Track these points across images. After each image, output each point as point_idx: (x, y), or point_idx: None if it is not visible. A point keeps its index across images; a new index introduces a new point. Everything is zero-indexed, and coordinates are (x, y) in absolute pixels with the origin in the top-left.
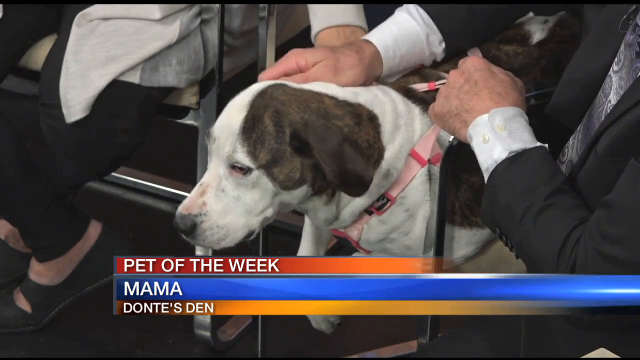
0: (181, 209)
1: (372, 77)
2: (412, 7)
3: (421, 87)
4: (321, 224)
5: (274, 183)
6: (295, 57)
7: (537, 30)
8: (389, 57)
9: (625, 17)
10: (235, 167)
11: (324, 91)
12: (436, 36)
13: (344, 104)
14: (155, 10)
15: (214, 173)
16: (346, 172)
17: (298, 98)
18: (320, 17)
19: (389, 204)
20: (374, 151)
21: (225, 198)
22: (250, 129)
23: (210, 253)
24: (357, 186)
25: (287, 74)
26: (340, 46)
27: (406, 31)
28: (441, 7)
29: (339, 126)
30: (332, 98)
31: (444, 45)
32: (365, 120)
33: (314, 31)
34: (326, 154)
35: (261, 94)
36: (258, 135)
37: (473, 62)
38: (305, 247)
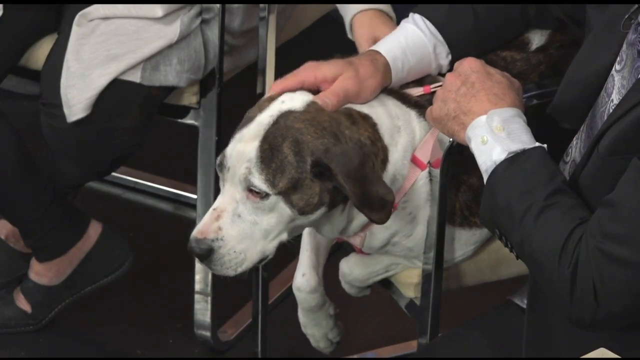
0: (196, 233)
1: (383, 87)
2: (418, 18)
3: (416, 91)
4: (332, 235)
5: (293, 209)
6: (313, 71)
7: (535, 36)
8: (398, 68)
9: (627, 16)
10: (253, 191)
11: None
12: (443, 48)
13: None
14: (157, 9)
15: (228, 198)
16: (368, 194)
17: (312, 122)
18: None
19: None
20: (378, 150)
21: (242, 223)
22: (269, 158)
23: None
24: (381, 210)
25: (302, 86)
26: (354, 58)
27: (414, 43)
28: (447, 16)
29: (357, 147)
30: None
31: (450, 58)
32: (358, 118)
33: (353, 11)
34: (348, 176)
35: (274, 124)
36: (278, 165)
37: (469, 64)
38: (305, 257)
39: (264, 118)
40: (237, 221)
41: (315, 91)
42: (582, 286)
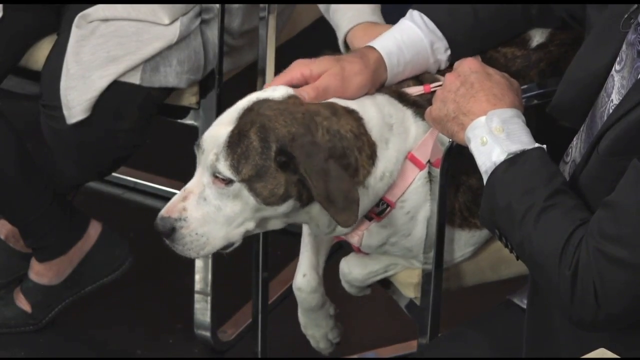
0: (162, 211)
1: (377, 83)
2: (416, 15)
3: (416, 90)
4: (321, 233)
5: (257, 198)
6: (300, 68)
7: (536, 33)
8: (393, 64)
9: (626, 16)
10: (218, 177)
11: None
12: (441, 43)
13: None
14: (163, 16)
15: (197, 181)
16: (331, 191)
17: (284, 111)
18: (349, 17)
19: (388, 209)
20: (363, 144)
21: (206, 207)
22: (236, 143)
23: (210, 259)
24: (345, 209)
25: (291, 84)
26: (344, 55)
27: (410, 39)
28: (447, 13)
29: (328, 136)
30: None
31: (449, 52)
32: (342, 111)
33: (344, 29)
34: (312, 169)
35: (248, 110)
36: (243, 151)
37: (469, 65)
38: (305, 257)
39: (241, 104)
40: (203, 204)
41: None
42: (582, 287)
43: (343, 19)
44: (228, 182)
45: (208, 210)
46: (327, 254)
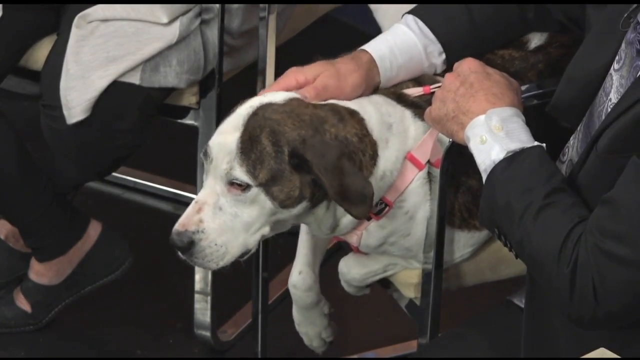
0: (177, 226)
1: (371, 86)
2: (410, 19)
3: (416, 91)
4: (322, 234)
5: (274, 202)
6: (294, 74)
7: (535, 36)
8: (386, 66)
9: (626, 15)
10: (234, 184)
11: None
12: (435, 47)
13: (320, 105)
14: (162, 15)
15: (210, 191)
16: (346, 188)
17: (290, 113)
18: (390, 17)
19: (387, 209)
20: (367, 145)
21: (223, 216)
22: (249, 149)
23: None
24: (360, 204)
25: (286, 91)
26: (337, 58)
27: (403, 42)
28: (442, 18)
29: (336, 141)
30: (312, 104)
31: (444, 56)
32: (346, 115)
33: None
34: (325, 168)
35: (253, 115)
36: (257, 156)
37: (468, 65)
38: (301, 255)
39: (243, 109)
40: (219, 214)
41: None
42: (581, 285)
43: (384, 20)
44: (245, 188)
45: (225, 219)
46: (324, 252)
